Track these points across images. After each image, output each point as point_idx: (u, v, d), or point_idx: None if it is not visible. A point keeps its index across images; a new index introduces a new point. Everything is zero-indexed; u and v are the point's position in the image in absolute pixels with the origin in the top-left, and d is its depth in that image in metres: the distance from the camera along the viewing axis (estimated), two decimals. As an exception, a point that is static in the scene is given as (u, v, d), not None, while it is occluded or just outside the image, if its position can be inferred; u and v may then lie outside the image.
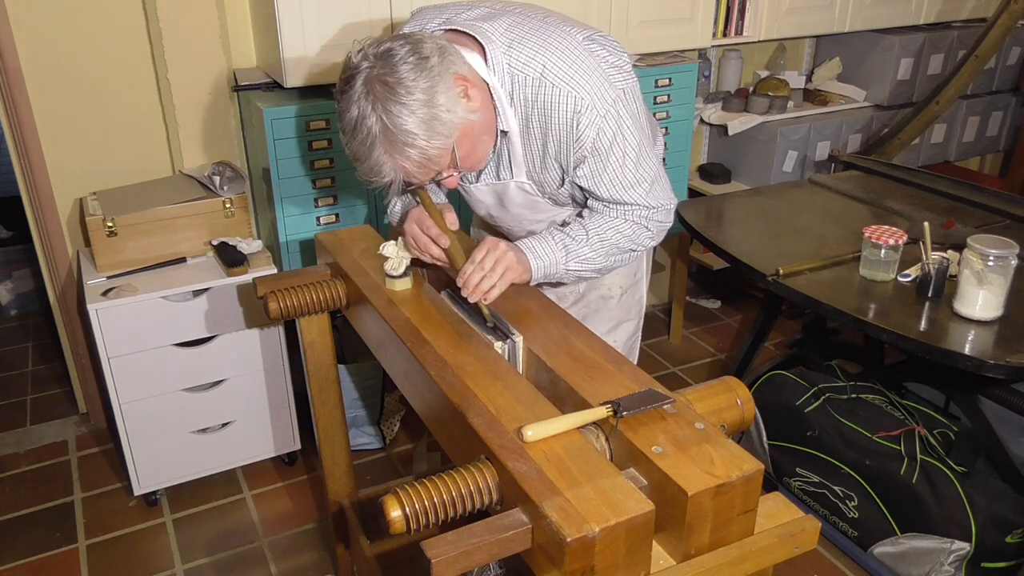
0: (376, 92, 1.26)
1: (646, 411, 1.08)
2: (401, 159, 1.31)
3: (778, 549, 1.02)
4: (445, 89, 1.28)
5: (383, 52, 1.29)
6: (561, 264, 1.48)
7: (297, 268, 2.41)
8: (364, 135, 1.29)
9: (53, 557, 2.28)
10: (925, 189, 2.61)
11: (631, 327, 1.81)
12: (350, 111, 1.29)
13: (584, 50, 1.41)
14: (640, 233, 1.52)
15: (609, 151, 1.42)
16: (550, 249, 1.47)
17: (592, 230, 1.49)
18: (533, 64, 1.39)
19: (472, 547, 0.93)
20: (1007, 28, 3.05)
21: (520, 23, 1.43)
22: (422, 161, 1.31)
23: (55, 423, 2.86)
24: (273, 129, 2.27)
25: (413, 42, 1.30)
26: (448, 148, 1.32)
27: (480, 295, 1.39)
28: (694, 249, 3.26)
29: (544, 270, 1.47)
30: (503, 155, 1.52)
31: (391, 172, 1.32)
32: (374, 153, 1.30)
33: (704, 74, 3.33)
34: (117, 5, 2.38)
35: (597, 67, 1.40)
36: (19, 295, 3.68)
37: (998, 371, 1.68)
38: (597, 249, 1.49)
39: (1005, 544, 2.02)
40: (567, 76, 1.38)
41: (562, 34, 1.41)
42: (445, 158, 1.34)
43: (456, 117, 1.30)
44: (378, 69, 1.27)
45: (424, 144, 1.29)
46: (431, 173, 1.36)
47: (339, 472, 1.87)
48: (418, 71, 1.27)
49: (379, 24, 2.36)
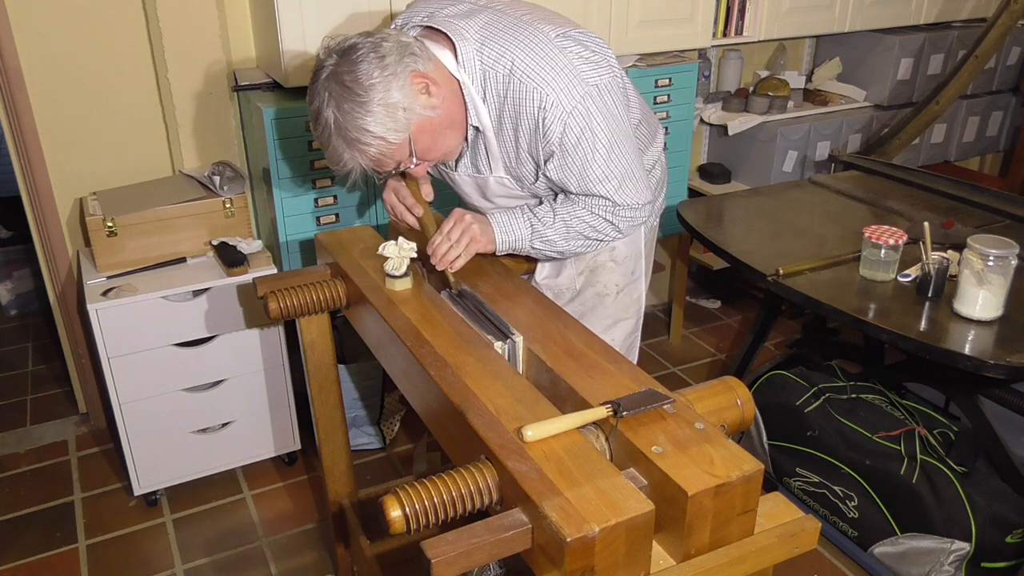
0: (332, 89, 1.36)
1: (646, 411, 1.08)
2: (355, 152, 1.40)
3: (778, 549, 1.02)
4: (400, 87, 1.36)
5: (346, 49, 1.38)
6: (526, 241, 1.56)
7: (297, 268, 2.41)
8: (323, 127, 1.40)
9: (53, 557, 2.28)
10: (925, 189, 2.61)
11: (629, 326, 1.81)
12: (313, 103, 1.40)
13: (554, 47, 1.44)
14: (605, 226, 1.57)
15: (576, 146, 1.46)
16: (517, 226, 1.54)
17: (559, 215, 1.55)
18: (502, 61, 1.43)
19: (472, 547, 0.93)
20: (1007, 28, 3.05)
21: (495, 21, 1.47)
22: (376, 155, 1.40)
23: (55, 423, 2.86)
24: (273, 129, 2.27)
25: (375, 40, 1.38)
26: (403, 142, 1.40)
27: (446, 264, 1.48)
28: (694, 249, 3.26)
29: (509, 244, 1.55)
30: (479, 150, 1.57)
31: (349, 162, 1.42)
32: (332, 143, 1.40)
33: (704, 74, 3.33)
34: (117, 5, 2.39)
35: (567, 63, 1.43)
36: (19, 295, 3.68)
37: (998, 371, 1.68)
38: (561, 233, 1.56)
39: (1005, 544, 2.02)
40: (533, 72, 1.42)
41: (534, 31, 1.45)
42: (401, 151, 1.42)
43: (412, 114, 1.38)
44: (339, 66, 1.37)
45: (377, 140, 1.37)
46: (389, 165, 1.45)
47: (339, 472, 1.87)
48: (374, 69, 1.35)
49: (379, 25, 2.35)
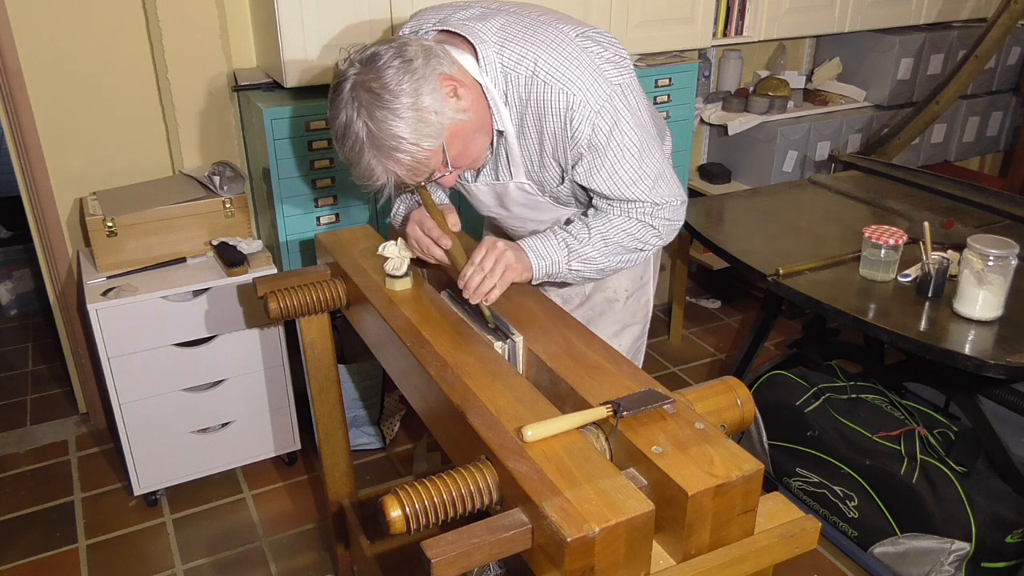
0: (361, 98, 1.27)
1: (646, 411, 1.08)
2: (390, 163, 1.31)
3: (778, 549, 1.02)
4: (431, 90, 1.28)
5: (368, 57, 1.30)
6: (563, 263, 1.46)
7: (297, 268, 2.41)
8: (352, 141, 1.30)
9: (53, 557, 2.28)
10: (925, 189, 2.61)
11: (637, 331, 1.79)
12: (339, 118, 1.30)
13: (576, 47, 1.39)
14: (645, 232, 1.48)
15: (606, 147, 1.40)
16: (552, 248, 1.45)
17: (595, 229, 1.46)
18: (524, 63, 1.37)
19: (472, 547, 0.93)
20: (1007, 28, 3.05)
21: (512, 22, 1.41)
22: (411, 163, 1.31)
23: (55, 423, 2.86)
24: (273, 129, 2.27)
25: (398, 46, 1.30)
26: (437, 149, 1.32)
27: (481, 296, 1.38)
28: (694, 249, 3.26)
29: (546, 269, 1.45)
30: (500, 155, 1.50)
31: (383, 175, 1.33)
32: (364, 158, 1.31)
33: (704, 74, 3.33)
34: (117, 5, 2.38)
35: (590, 63, 1.39)
36: (19, 295, 3.68)
37: (998, 371, 1.68)
38: (600, 248, 1.46)
39: (1005, 544, 2.02)
40: (558, 73, 1.36)
41: (554, 31, 1.40)
42: (436, 159, 1.34)
43: (444, 118, 1.30)
44: (364, 75, 1.28)
45: (412, 147, 1.29)
46: (423, 174, 1.36)
47: (339, 472, 1.87)
48: (402, 74, 1.27)
49: (379, 24, 2.35)
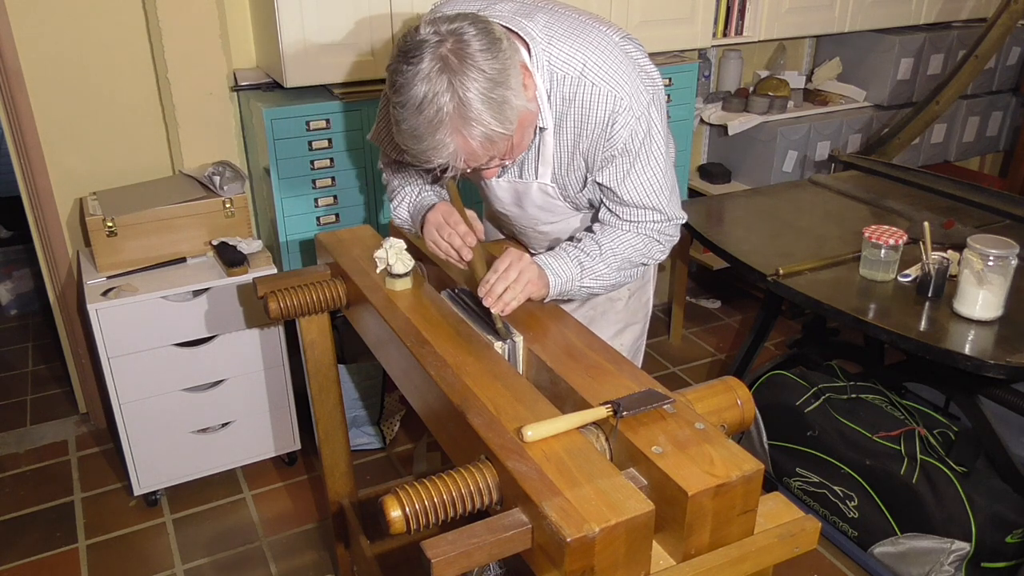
0: (452, 66, 1.19)
1: (646, 411, 1.08)
2: (468, 138, 1.24)
3: (778, 549, 1.02)
4: (515, 74, 1.25)
5: (454, 29, 1.22)
6: (576, 280, 1.47)
7: (297, 268, 2.41)
8: (432, 112, 1.21)
9: (53, 557, 2.28)
10: (925, 189, 2.61)
11: (638, 330, 1.79)
12: (415, 86, 1.21)
13: (621, 51, 1.41)
14: (652, 247, 1.51)
15: (637, 153, 1.42)
16: (566, 265, 1.46)
17: (606, 245, 1.48)
18: (573, 62, 1.37)
19: (472, 547, 0.93)
20: (1007, 28, 3.05)
21: (556, 21, 1.41)
22: (484, 143, 1.25)
23: (55, 423, 2.86)
24: (273, 129, 2.27)
25: (483, 23, 1.25)
26: (510, 134, 1.28)
27: (502, 306, 1.37)
28: (694, 249, 3.26)
29: (560, 287, 1.45)
30: (530, 154, 1.50)
31: (451, 155, 1.26)
32: (439, 132, 1.23)
33: (704, 74, 3.33)
34: (117, 5, 2.38)
35: (634, 68, 1.40)
36: (19, 295, 3.68)
37: (998, 371, 1.68)
38: (611, 264, 1.48)
39: (1005, 544, 2.02)
40: (607, 75, 1.37)
41: (600, 34, 1.41)
42: (505, 144, 1.30)
43: (520, 103, 1.26)
44: (451, 44, 1.20)
45: (493, 126, 1.24)
46: (486, 158, 1.31)
47: (339, 472, 1.87)
48: (492, 52, 1.22)
49: (380, 22, 2.35)
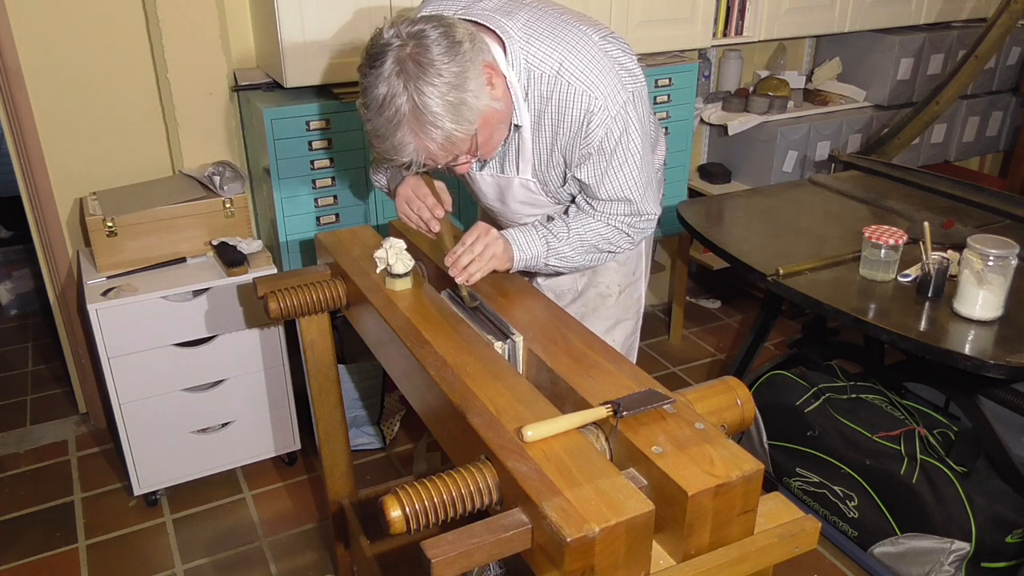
0: (408, 72, 1.26)
1: (646, 411, 1.08)
2: (426, 140, 1.31)
3: (778, 549, 1.02)
4: (475, 75, 1.30)
5: (416, 32, 1.28)
6: (541, 258, 1.53)
7: (297, 268, 2.41)
8: (391, 113, 1.28)
9: (53, 557, 2.28)
10: (925, 189, 2.61)
11: (629, 326, 1.82)
12: (377, 88, 1.28)
13: (600, 50, 1.43)
14: (619, 237, 1.56)
15: (613, 152, 1.45)
16: (533, 243, 1.52)
17: (574, 229, 1.53)
18: (550, 61, 1.40)
19: (472, 547, 0.93)
20: (1007, 28, 3.04)
21: (537, 20, 1.44)
22: (444, 143, 1.32)
23: (55, 423, 2.86)
24: (273, 129, 2.27)
25: (446, 25, 1.30)
26: (471, 134, 1.34)
27: (466, 276, 1.45)
28: (694, 249, 3.26)
29: (525, 262, 1.52)
30: (510, 150, 1.54)
31: (413, 152, 1.33)
32: (399, 133, 1.30)
33: (704, 74, 3.33)
34: (117, 5, 2.38)
35: (611, 68, 1.42)
36: (19, 295, 3.68)
37: (998, 371, 1.68)
38: (576, 248, 1.54)
39: (1005, 544, 2.02)
40: (583, 75, 1.40)
41: (579, 33, 1.43)
42: (466, 143, 1.35)
43: (481, 104, 1.32)
44: (410, 48, 1.26)
45: (450, 127, 1.29)
46: (450, 156, 1.37)
47: (339, 472, 1.87)
48: (451, 55, 1.27)
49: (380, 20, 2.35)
